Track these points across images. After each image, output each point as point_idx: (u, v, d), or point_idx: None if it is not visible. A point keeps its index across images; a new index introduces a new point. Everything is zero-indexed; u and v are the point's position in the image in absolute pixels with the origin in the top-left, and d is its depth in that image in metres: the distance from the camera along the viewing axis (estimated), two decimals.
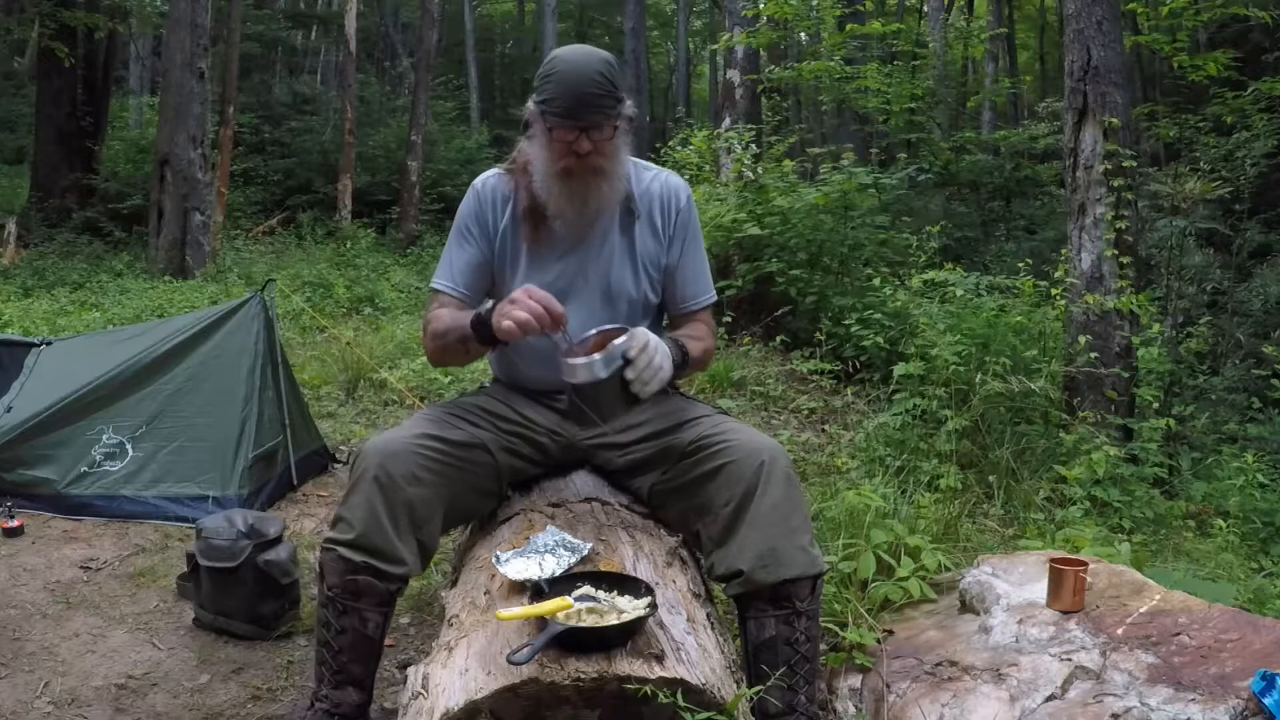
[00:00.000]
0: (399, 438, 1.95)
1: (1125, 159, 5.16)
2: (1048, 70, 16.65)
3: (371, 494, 1.85)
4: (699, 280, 2.23)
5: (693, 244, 2.21)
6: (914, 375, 4.68)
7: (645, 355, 1.80)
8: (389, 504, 1.85)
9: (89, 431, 3.84)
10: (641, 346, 1.80)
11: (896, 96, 10.58)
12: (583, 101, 1.91)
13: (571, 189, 2.00)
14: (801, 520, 1.91)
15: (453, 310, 2.09)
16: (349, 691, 1.92)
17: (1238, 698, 1.76)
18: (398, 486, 1.86)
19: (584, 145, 1.94)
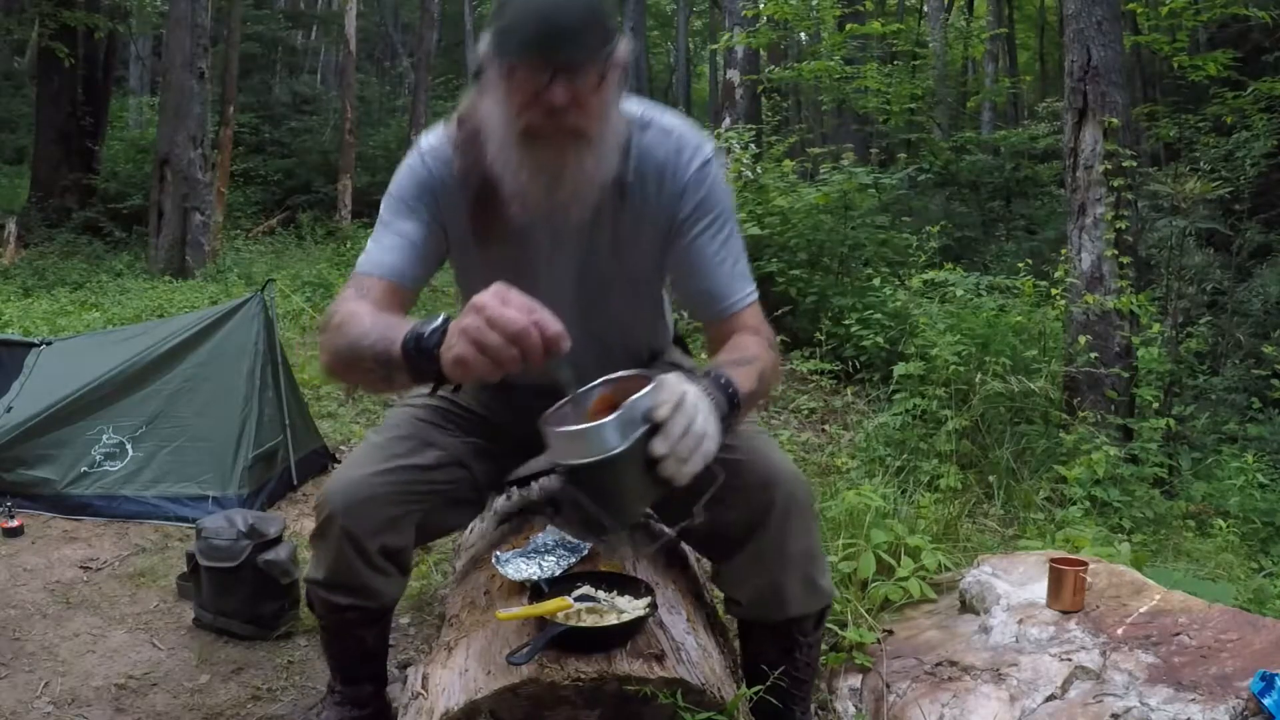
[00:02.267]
0: (362, 479, 1.63)
1: (1125, 159, 5.17)
2: (1048, 70, 16.65)
3: (341, 546, 1.64)
4: (730, 274, 1.59)
5: (717, 225, 1.59)
6: (914, 375, 4.68)
7: (681, 417, 1.18)
8: (361, 553, 1.64)
9: (89, 431, 3.84)
10: (675, 403, 1.19)
11: (896, 96, 10.58)
12: (557, 31, 1.31)
13: (538, 159, 1.40)
14: (812, 556, 1.67)
15: (375, 309, 1.46)
16: (363, 685, 1.92)
17: (1238, 698, 1.76)
18: (368, 536, 1.63)
19: (557, 95, 1.33)
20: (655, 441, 1.17)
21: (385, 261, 1.55)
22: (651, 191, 1.57)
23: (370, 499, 1.61)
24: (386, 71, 25.01)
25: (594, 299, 1.63)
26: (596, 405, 1.26)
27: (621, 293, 1.66)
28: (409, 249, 1.56)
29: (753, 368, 1.47)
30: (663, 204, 1.57)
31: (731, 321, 1.60)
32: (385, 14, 25.37)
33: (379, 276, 1.54)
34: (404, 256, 1.56)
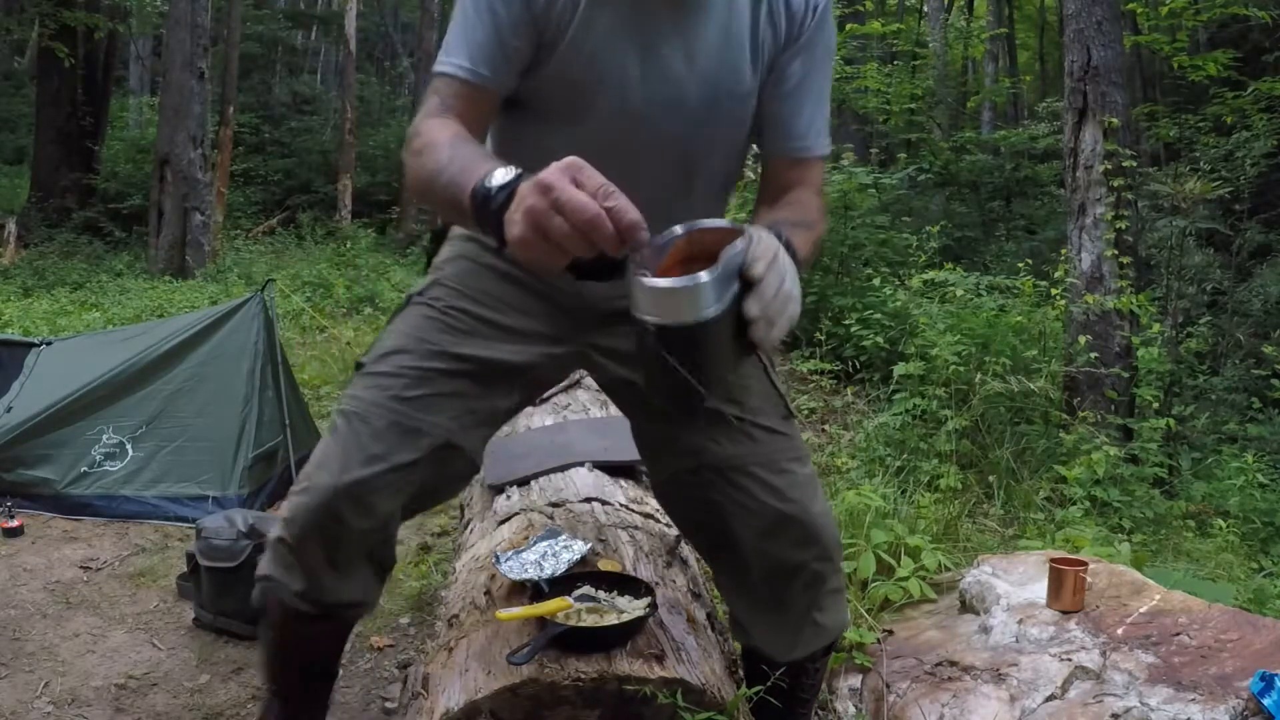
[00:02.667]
0: (340, 490, 1.37)
1: (1125, 159, 5.17)
2: (1048, 70, 16.65)
3: (317, 560, 1.43)
4: (820, 116, 1.45)
5: (824, 63, 1.46)
6: (914, 375, 4.68)
7: (774, 275, 1.04)
8: (339, 565, 1.44)
9: (89, 431, 3.84)
10: (769, 259, 1.04)
11: (896, 96, 10.59)
12: None
13: None
14: (834, 599, 1.57)
15: (455, 135, 1.26)
16: (315, 688, 1.68)
17: (1238, 698, 1.76)
18: (349, 550, 1.43)
19: None
20: (749, 301, 1.02)
21: (471, 59, 1.32)
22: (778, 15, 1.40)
23: (347, 514, 1.38)
24: (386, 71, 25.01)
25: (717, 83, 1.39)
26: (673, 255, 1.08)
27: (729, 101, 1.41)
28: (496, 44, 1.32)
29: (812, 234, 1.34)
30: (791, 10, 1.40)
31: (801, 168, 1.45)
32: (385, 14, 25.37)
33: (464, 80, 1.32)
34: (492, 53, 1.32)
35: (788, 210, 1.37)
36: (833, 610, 1.57)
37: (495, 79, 1.34)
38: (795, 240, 1.17)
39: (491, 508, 2.29)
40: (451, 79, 1.32)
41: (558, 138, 1.30)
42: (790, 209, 1.37)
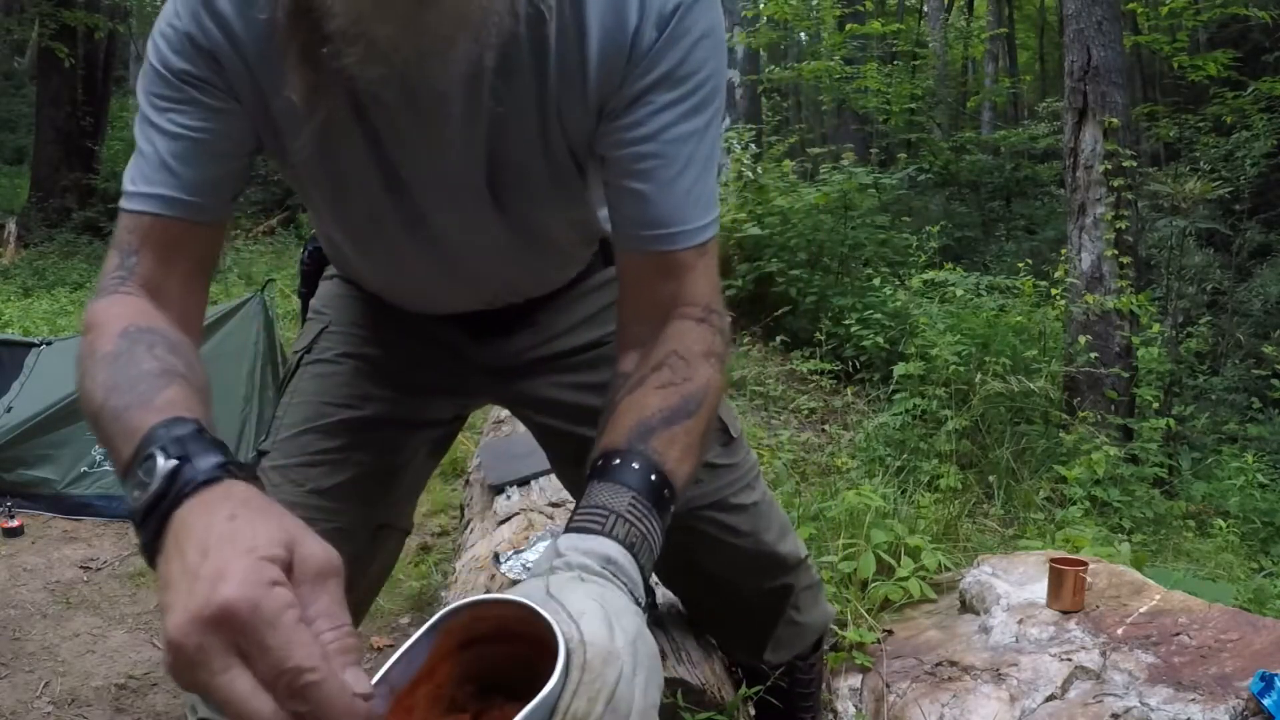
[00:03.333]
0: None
1: (1125, 159, 5.17)
2: (1048, 70, 16.65)
3: None
4: (684, 188, 0.94)
5: (684, 106, 0.92)
6: (914, 375, 4.68)
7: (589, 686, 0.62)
8: None
9: (89, 431, 3.83)
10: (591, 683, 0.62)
11: (896, 96, 10.59)
12: None
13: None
14: (809, 596, 1.49)
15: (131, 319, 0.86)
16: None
17: (1238, 698, 1.76)
18: None
19: None
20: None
21: (161, 184, 0.91)
22: (589, 45, 0.91)
23: None
24: None
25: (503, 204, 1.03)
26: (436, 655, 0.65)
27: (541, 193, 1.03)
28: (195, 153, 0.91)
29: (694, 420, 0.87)
30: (604, 66, 0.91)
31: (669, 269, 0.95)
32: None
33: (155, 213, 0.91)
34: (191, 167, 0.91)
35: (654, 395, 0.87)
36: (810, 608, 1.49)
37: (208, 205, 0.94)
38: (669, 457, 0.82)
39: (491, 508, 2.29)
40: (138, 217, 0.92)
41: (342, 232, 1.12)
42: (659, 390, 0.88)
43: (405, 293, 1.21)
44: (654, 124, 0.92)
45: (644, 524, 0.77)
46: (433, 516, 3.64)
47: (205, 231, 0.95)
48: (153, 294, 0.90)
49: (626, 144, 0.93)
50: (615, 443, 0.83)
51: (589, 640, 0.62)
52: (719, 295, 0.98)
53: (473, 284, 1.15)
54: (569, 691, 0.60)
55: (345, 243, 1.15)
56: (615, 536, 0.75)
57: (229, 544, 0.56)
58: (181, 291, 0.93)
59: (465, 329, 1.23)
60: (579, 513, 0.77)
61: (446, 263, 1.09)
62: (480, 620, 0.65)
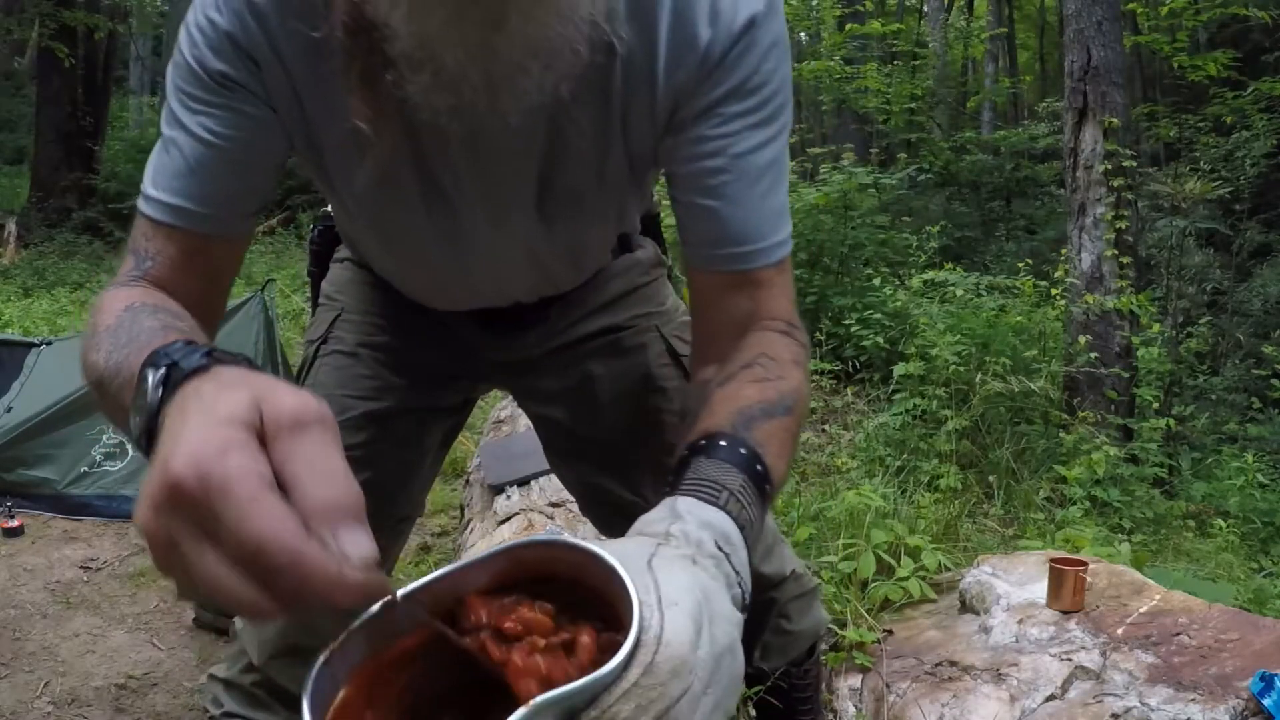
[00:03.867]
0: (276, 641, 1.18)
1: (1125, 159, 5.17)
2: (1048, 70, 16.66)
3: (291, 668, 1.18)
4: (761, 204, 0.91)
5: (755, 122, 0.90)
6: (914, 375, 4.68)
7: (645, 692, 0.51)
8: None
9: (89, 431, 3.84)
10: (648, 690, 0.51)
11: (896, 96, 10.60)
12: None
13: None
14: (801, 604, 1.45)
15: (141, 299, 0.82)
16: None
17: (1238, 698, 1.76)
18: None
19: None
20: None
21: (183, 194, 0.88)
22: (658, 59, 0.88)
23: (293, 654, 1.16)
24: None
25: (549, 219, 1.00)
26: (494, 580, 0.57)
27: (589, 209, 1.01)
28: (222, 162, 0.88)
29: (790, 419, 0.82)
30: (673, 79, 0.88)
31: (746, 288, 0.92)
32: None
33: (173, 224, 0.89)
34: (216, 178, 0.88)
35: (751, 388, 0.83)
36: (800, 616, 1.44)
37: (227, 219, 0.90)
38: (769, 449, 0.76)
39: (491, 508, 2.29)
40: (155, 225, 0.89)
41: (369, 237, 1.10)
42: (755, 384, 0.84)
43: (423, 290, 1.17)
44: (726, 137, 0.89)
45: (750, 510, 0.71)
46: (433, 516, 3.64)
47: (225, 245, 0.92)
48: (166, 292, 0.88)
49: (697, 158, 0.90)
50: (718, 425, 0.77)
51: (667, 640, 0.52)
52: (796, 312, 0.96)
53: (495, 286, 1.13)
54: (619, 688, 0.50)
55: (366, 239, 1.12)
56: (730, 513, 0.67)
57: (190, 420, 0.50)
58: (196, 299, 0.88)
59: (479, 323, 1.21)
60: (688, 481, 0.70)
61: (473, 268, 1.07)
62: (558, 562, 0.57)
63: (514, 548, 0.57)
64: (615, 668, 0.50)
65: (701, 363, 0.94)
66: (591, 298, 1.23)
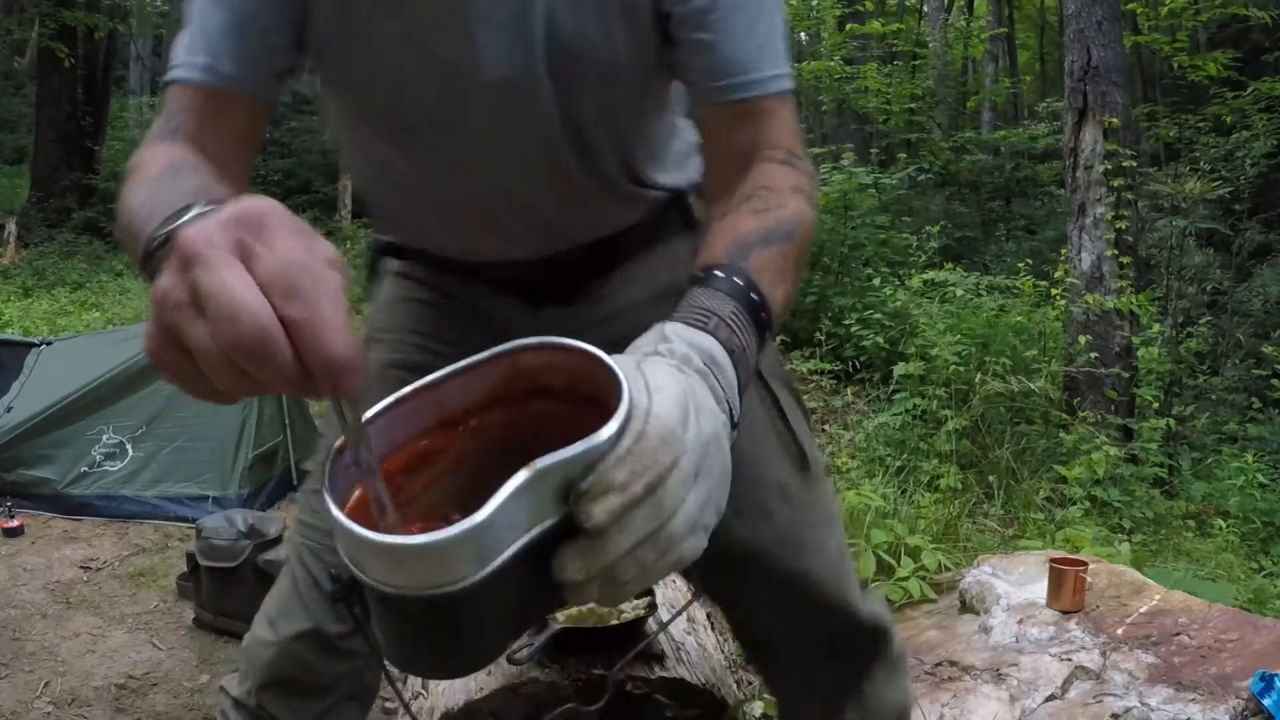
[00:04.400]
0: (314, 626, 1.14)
1: (1125, 159, 5.18)
2: (1048, 70, 16.66)
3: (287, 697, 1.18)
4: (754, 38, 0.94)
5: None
6: (914, 375, 4.69)
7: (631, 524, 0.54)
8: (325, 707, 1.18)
9: (89, 431, 3.84)
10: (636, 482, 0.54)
11: (896, 96, 10.60)
12: None
13: None
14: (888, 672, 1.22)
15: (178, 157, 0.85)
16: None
17: (1238, 698, 1.76)
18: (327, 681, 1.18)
19: None
20: (567, 555, 0.54)
21: (203, 53, 0.92)
22: None
23: (314, 659, 1.16)
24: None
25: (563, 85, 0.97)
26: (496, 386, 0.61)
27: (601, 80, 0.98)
28: (239, 25, 0.92)
29: (789, 245, 0.84)
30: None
31: (748, 118, 0.94)
32: None
33: (197, 84, 0.92)
34: (234, 40, 0.92)
35: (749, 218, 0.86)
36: (885, 684, 1.21)
37: (249, 79, 0.94)
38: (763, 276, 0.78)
39: None
40: (183, 86, 0.93)
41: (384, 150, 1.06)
42: (746, 205, 0.87)
43: (453, 234, 1.13)
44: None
45: (742, 336, 0.72)
46: None
47: (248, 104, 0.95)
48: (192, 146, 0.89)
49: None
50: (714, 257, 0.79)
51: (655, 413, 0.55)
52: (800, 143, 0.96)
53: (526, 215, 1.07)
54: (614, 455, 0.53)
55: (387, 176, 1.09)
56: (718, 336, 0.70)
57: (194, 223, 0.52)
58: (224, 157, 0.91)
59: (524, 297, 1.15)
60: (680, 311, 0.73)
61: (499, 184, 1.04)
62: (553, 369, 0.59)
63: (514, 350, 0.59)
64: (610, 436, 0.52)
65: (710, 199, 0.96)
66: (649, 280, 1.16)
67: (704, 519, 0.59)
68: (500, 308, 1.16)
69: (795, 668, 1.20)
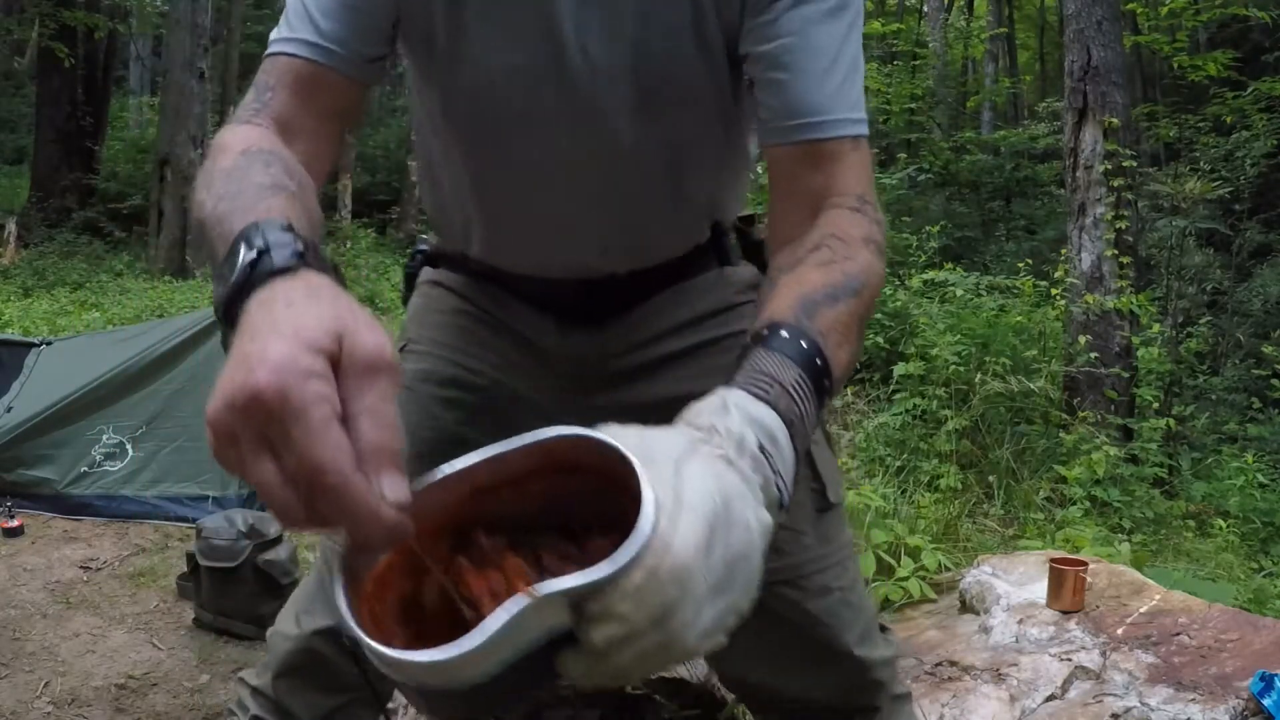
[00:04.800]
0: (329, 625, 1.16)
1: (1125, 159, 5.18)
2: (1048, 70, 16.66)
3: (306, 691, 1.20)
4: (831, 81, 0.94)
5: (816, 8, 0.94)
6: (914, 375, 4.69)
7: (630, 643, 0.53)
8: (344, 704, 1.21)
9: (89, 431, 3.84)
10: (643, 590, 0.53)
11: (896, 96, 10.61)
12: None
13: None
14: (895, 706, 1.21)
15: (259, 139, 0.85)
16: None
17: (1238, 698, 1.76)
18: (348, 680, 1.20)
19: None
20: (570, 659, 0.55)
21: (302, 29, 0.93)
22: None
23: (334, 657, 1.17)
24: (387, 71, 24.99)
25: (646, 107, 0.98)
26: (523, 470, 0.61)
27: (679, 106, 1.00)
28: (336, 6, 0.93)
29: (857, 300, 0.81)
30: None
31: (819, 162, 0.92)
32: None
33: (302, 58, 0.93)
34: (341, 23, 0.93)
35: (816, 272, 0.82)
36: (894, 715, 1.22)
37: (346, 56, 0.93)
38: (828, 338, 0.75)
39: None
40: (283, 59, 0.93)
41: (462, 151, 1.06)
42: (820, 267, 0.83)
43: (509, 239, 1.12)
44: (796, 19, 0.92)
45: (802, 406, 0.70)
46: None
47: (344, 82, 0.95)
48: (283, 129, 0.89)
49: (770, 38, 0.93)
50: (781, 314, 0.77)
51: (674, 546, 0.54)
52: (873, 190, 0.96)
53: (584, 233, 1.07)
54: (619, 587, 0.53)
55: (461, 164, 1.08)
56: (778, 409, 0.68)
57: (278, 329, 0.53)
58: (313, 132, 0.92)
59: (557, 316, 1.14)
60: (743, 374, 0.71)
61: (574, 177, 1.04)
62: (588, 455, 0.59)
63: (543, 439, 0.59)
64: (619, 570, 0.52)
65: (775, 246, 0.93)
66: (677, 309, 1.16)
67: (722, 626, 0.58)
68: (530, 325, 1.16)
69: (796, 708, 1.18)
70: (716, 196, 1.14)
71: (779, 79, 0.93)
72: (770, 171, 0.98)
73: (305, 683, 1.17)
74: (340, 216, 14.76)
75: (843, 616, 1.12)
